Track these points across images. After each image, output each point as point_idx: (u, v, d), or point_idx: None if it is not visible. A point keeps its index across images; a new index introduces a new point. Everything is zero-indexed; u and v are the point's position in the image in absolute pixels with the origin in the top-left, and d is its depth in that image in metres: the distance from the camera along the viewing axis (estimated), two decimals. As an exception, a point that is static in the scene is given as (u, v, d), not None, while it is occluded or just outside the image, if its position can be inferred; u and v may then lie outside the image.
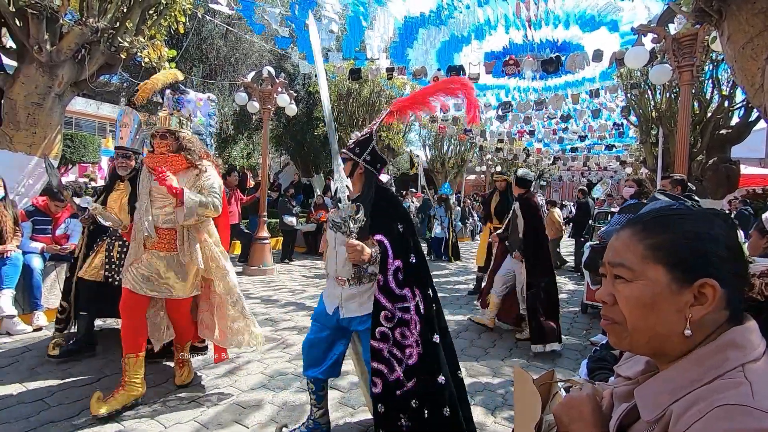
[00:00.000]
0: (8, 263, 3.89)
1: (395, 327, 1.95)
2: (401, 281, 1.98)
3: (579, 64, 6.31)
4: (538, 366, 3.74)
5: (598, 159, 18.58)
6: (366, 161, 2.17)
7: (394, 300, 1.96)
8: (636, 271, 0.69)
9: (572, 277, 8.59)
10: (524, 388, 0.87)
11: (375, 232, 2.03)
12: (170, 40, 8.80)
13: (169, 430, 2.48)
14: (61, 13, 4.44)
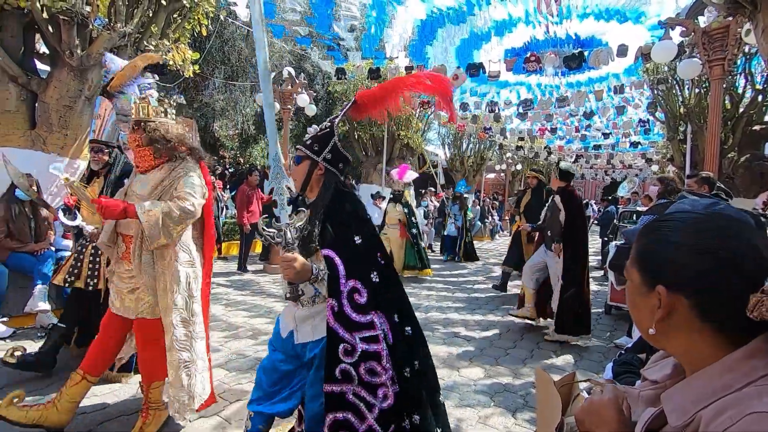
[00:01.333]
0: (42, 260, 4.06)
1: (359, 362, 1.55)
2: (362, 305, 1.59)
3: (603, 59, 6.16)
4: (558, 368, 3.68)
5: (623, 156, 18.11)
6: (326, 160, 1.78)
7: (354, 329, 1.57)
8: (627, 273, 0.75)
9: (595, 278, 8.40)
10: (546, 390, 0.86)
11: (324, 245, 1.65)
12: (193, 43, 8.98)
13: (193, 424, 2.54)
14: (91, 19, 4.60)
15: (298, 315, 1.80)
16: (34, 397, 2.67)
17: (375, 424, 1.52)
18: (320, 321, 1.71)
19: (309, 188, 1.82)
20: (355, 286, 1.60)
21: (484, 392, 3.14)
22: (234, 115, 13.56)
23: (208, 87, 12.68)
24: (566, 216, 4.18)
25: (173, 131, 2.40)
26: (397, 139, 12.56)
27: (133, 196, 2.39)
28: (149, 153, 2.36)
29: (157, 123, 2.39)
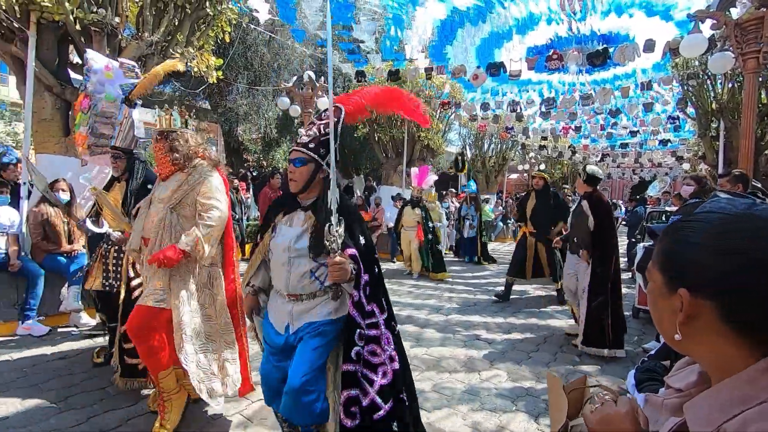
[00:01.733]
0: (75, 262, 4.24)
1: (366, 344, 1.77)
2: (369, 296, 1.81)
3: (628, 55, 5.98)
4: (582, 373, 3.58)
5: (652, 155, 17.52)
6: (329, 165, 1.87)
7: (365, 316, 1.79)
8: (649, 274, 0.73)
9: (623, 280, 8.15)
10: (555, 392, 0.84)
11: (345, 246, 1.78)
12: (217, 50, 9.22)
13: (215, 422, 2.60)
14: (120, 29, 4.78)
15: (295, 310, 1.89)
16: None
17: (376, 397, 1.73)
18: (318, 309, 1.87)
19: (309, 190, 1.91)
20: (367, 280, 1.81)
21: (505, 396, 3.09)
22: (257, 119, 13.81)
23: (231, 92, 12.96)
24: (594, 221, 4.00)
25: (192, 141, 2.54)
26: (417, 140, 12.52)
27: (156, 201, 2.52)
28: (168, 161, 2.50)
29: (178, 133, 2.53)
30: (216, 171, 2.58)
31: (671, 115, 11.62)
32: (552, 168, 22.18)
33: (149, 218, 2.51)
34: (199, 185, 2.45)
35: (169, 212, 2.42)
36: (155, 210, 2.49)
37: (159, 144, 2.51)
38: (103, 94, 3.52)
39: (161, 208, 2.46)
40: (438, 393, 3.09)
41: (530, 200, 5.83)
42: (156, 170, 2.62)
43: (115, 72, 3.61)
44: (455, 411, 2.85)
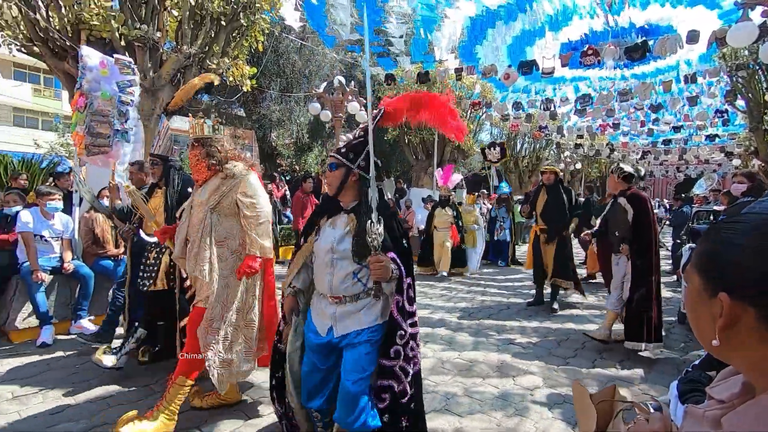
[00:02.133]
0: (122, 264, 4.47)
1: (407, 343, 1.90)
2: (412, 298, 1.93)
3: (670, 47, 5.69)
4: (623, 380, 3.43)
5: (698, 151, 16.59)
6: (360, 167, 1.94)
7: (406, 317, 1.90)
8: (687, 277, 0.71)
9: (667, 284, 7.76)
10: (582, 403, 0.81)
11: (387, 249, 1.83)
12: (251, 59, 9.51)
13: (249, 422, 2.67)
14: (161, 43, 5.03)
15: (339, 311, 1.92)
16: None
17: (407, 385, 1.91)
18: (364, 313, 1.91)
19: (343, 193, 1.97)
20: (410, 283, 1.92)
21: (541, 402, 3.00)
22: (289, 125, 14.14)
23: (265, 99, 13.33)
24: (634, 215, 3.99)
25: (226, 144, 2.67)
26: (447, 142, 12.43)
27: (196, 206, 2.64)
28: (204, 166, 2.62)
29: (213, 139, 2.64)
30: (252, 170, 2.69)
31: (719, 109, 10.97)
32: (589, 167, 21.44)
33: (191, 223, 2.62)
34: (237, 186, 2.56)
35: (209, 213, 2.54)
36: (195, 213, 2.62)
37: (195, 151, 2.63)
38: (98, 92, 3.46)
39: (200, 210, 2.58)
40: (470, 398, 3.05)
41: (540, 196, 5.52)
42: (193, 176, 2.74)
43: (111, 69, 3.52)
44: (489, 416, 2.80)
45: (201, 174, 2.65)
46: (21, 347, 3.81)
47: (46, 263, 4.06)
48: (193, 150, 2.64)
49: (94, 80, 3.48)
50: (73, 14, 4.46)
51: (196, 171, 2.66)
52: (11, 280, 4.14)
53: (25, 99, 21.59)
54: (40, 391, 2.99)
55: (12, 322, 3.95)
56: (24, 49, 4.92)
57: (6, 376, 3.21)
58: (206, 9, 5.09)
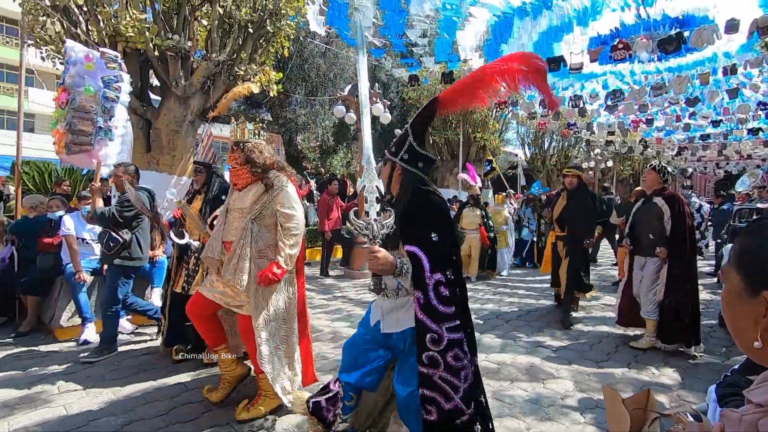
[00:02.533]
0: (157, 266, 4.65)
1: (447, 350, 1.70)
2: (447, 297, 1.72)
3: (707, 38, 5.43)
4: (661, 385, 3.30)
5: (739, 146, 15.75)
6: (403, 160, 1.90)
7: (441, 320, 1.71)
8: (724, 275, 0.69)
9: (707, 285, 7.41)
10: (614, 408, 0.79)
11: (407, 242, 1.77)
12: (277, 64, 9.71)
13: (281, 419, 2.72)
14: (192, 52, 5.21)
15: (384, 306, 1.94)
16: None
17: (460, 402, 1.71)
18: (404, 313, 1.85)
19: (392, 187, 1.96)
20: (440, 279, 1.72)
21: (573, 407, 2.93)
22: (315, 128, 14.34)
23: (291, 103, 13.58)
24: (671, 217, 3.87)
25: (266, 151, 2.68)
26: (473, 141, 12.30)
27: (234, 211, 2.68)
28: (246, 171, 2.63)
29: (253, 144, 2.66)
30: (290, 181, 2.75)
31: (762, 101, 10.39)
32: (621, 164, 20.74)
33: (228, 225, 2.68)
34: (277, 196, 2.61)
35: (250, 222, 2.57)
36: (233, 218, 2.66)
37: (234, 154, 2.64)
38: (82, 87, 3.28)
39: (238, 216, 2.62)
40: (499, 401, 3.00)
41: (560, 200, 5.11)
42: (231, 180, 2.76)
43: (97, 63, 3.34)
44: (518, 420, 2.75)
45: (241, 179, 2.66)
46: (65, 344, 4.02)
47: (87, 265, 4.26)
48: (232, 153, 2.65)
49: (78, 75, 3.31)
50: (110, 27, 4.68)
51: (235, 175, 2.68)
52: (56, 281, 4.37)
53: (67, 109, 22.72)
54: (83, 386, 3.14)
55: (57, 321, 4.17)
56: (66, 62, 5.21)
57: (52, 372, 3.39)
58: (234, 17, 5.23)
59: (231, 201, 2.73)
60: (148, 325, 4.58)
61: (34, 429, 2.58)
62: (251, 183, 2.66)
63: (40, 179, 7.00)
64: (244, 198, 2.65)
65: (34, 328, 4.33)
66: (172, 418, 2.71)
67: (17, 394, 3.01)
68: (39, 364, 3.55)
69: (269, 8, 5.47)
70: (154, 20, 4.99)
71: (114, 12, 4.69)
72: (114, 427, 2.59)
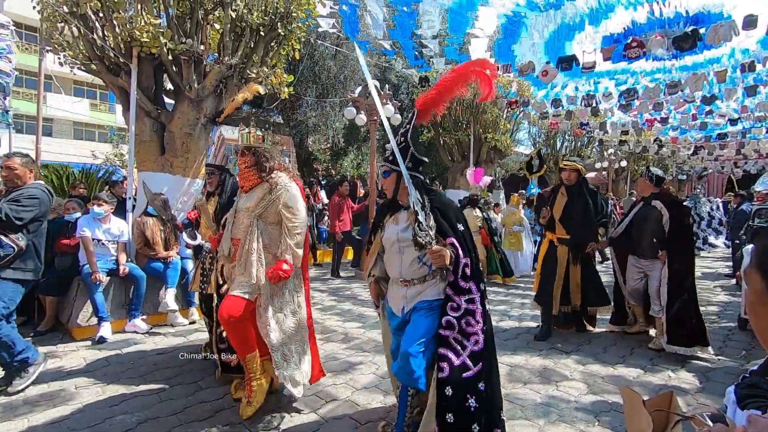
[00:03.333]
0: (171, 266, 4.72)
1: (461, 317, 2.09)
2: (468, 276, 2.12)
3: (724, 35, 5.32)
4: (676, 389, 3.23)
5: (758, 145, 15.36)
6: (409, 168, 2.21)
7: (460, 293, 2.11)
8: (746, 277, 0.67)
9: (725, 287, 7.25)
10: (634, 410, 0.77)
11: (445, 235, 2.14)
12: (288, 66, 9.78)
13: (293, 419, 2.73)
14: (205, 56, 5.27)
15: (409, 293, 2.25)
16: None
17: (467, 359, 2.06)
18: (429, 290, 2.20)
19: (400, 194, 2.28)
20: (466, 263, 2.13)
21: (586, 410, 2.89)
22: (325, 130, 14.38)
23: (301, 105, 13.64)
24: (670, 218, 3.94)
25: (274, 155, 2.89)
26: (484, 142, 12.22)
27: (241, 211, 2.81)
28: (253, 173, 2.79)
29: (263, 149, 2.85)
30: (293, 181, 2.87)
31: (782, 98, 10.12)
32: (635, 164, 20.40)
33: (236, 225, 2.82)
34: (281, 196, 2.74)
35: (255, 220, 2.73)
36: (241, 217, 2.80)
37: (245, 158, 2.80)
38: None
39: (245, 215, 2.77)
40: (511, 403, 2.97)
41: (559, 197, 4.45)
42: (239, 183, 2.90)
43: None
44: (531, 422, 2.72)
45: (248, 181, 2.82)
46: (82, 343, 4.09)
47: (102, 265, 4.34)
48: (243, 157, 2.81)
49: None
50: (125, 32, 4.76)
51: (243, 178, 2.84)
52: (74, 281, 4.46)
53: (83, 114, 23.24)
54: (100, 384, 3.20)
55: (74, 320, 4.25)
56: (83, 67, 5.30)
57: (70, 370, 3.46)
58: (246, 21, 5.28)
59: (239, 202, 2.87)
60: (162, 325, 4.65)
61: (52, 426, 2.63)
62: (257, 184, 2.82)
63: (58, 182, 7.15)
64: (250, 198, 2.79)
65: (52, 327, 4.42)
66: (186, 416, 2.74)
67: (36, 391, 3.08)
68: (57, 362, 3.63)
69: (280, 11, 5.51)
70: (168, 25, 5.06)
71: (129, 17, 4.78)
72: (129, 425, 2.63)
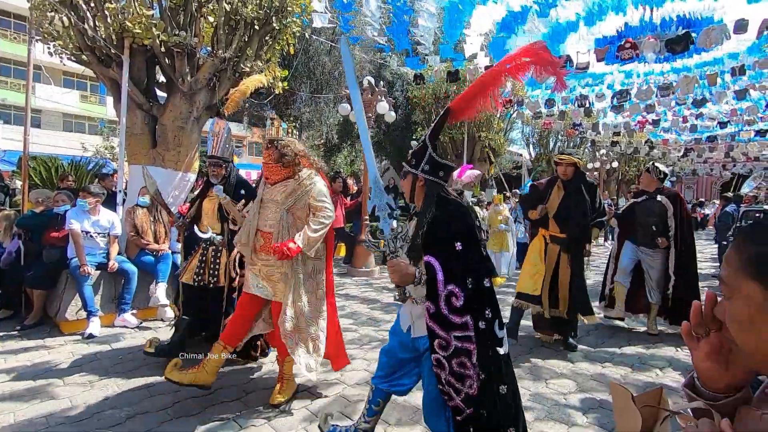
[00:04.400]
0: (162, 260, 4.67)
1: (452, 357, 1.75)
2: (458, 308, 1.74)
3: (715, 38, 5.39)
4: (665, 385, 3.28)
5: (746, 148, 15.62)
6: (425, 171, 1.95)
7: (450, 328, 1.75)
8: (732, 288, 0.62)
9: (714, 287, 7.37)
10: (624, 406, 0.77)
11: (427, 252, 1.82)
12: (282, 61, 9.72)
13: (284, 414, 2.73)
14: (198, 49, 5.22)
15: (414, 311, 2.02)
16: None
17: (461, 404, 1.78)
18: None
19: (416, 198, 2.03)
20: (452, 291, 1.75)
21: (575, 407, 2.92)
22: (319, 126, 14.34)
23: (295, 101, 13.58)
24: (674, 211, 4.44)
25: (298, 147, 2.87)
26: (478, 140, 12.27)
27: (268, 203, 2.86)
28: (279, 167, 2.81)
29: (286, 140, 2.85)
30: (320, 176, 2.94)
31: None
32: (626, 165, 20.64)
33: (262, 217, 2.86)
34: (310, 191, 2.83)
35: (284, 213, 2.79)
36: (268, 209, 2.86)
37: (269, 151, 2.82)
38: None
39: (273, 208, 2.83)
40: (501, 399, 3.00)
41: (554, 192, 4.09)
42: (265, 175, 2.92)
43: None
44: (520, 419, 2.75)
45: (274, 174, 2.84)
46: (71, 338, 4.05)
47: (91, 259, 4.29)
48: (267, 150, 2.84)
49: None
50: (117, 23, 4.69)
51: (268, 171, 2.85)
52: (62, 274, 4.41)
53: (73, 105, 22.89)
54: (88, 379, 3.17)
55: (62, 314, 4.20)
56: (73, 58, 5.22)
57: (58, 365, 3.42)
58: (240, 14, 5.23)
59: (264, 194, 2.90)
60: (152, 320, 4.61)
61: (40, 421, 2.60)
62: (284, 178, 2.85)
63: (46, 174, 7.05)
64: (277, 191, 2.84)
65: (39, 321, 4.37)
66: (176, 411, 2.73)
67: (23, 386, 3.04)
68: (45, 357, 3.58)
69: (275, 5, 5.47)
70: (161, 16, 5.00)
71: (121, 8, 4.71)
72: (118, 419, 2.61)
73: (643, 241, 4.55)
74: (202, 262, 3.40)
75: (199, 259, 3.41)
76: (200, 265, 3.38)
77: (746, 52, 7.51)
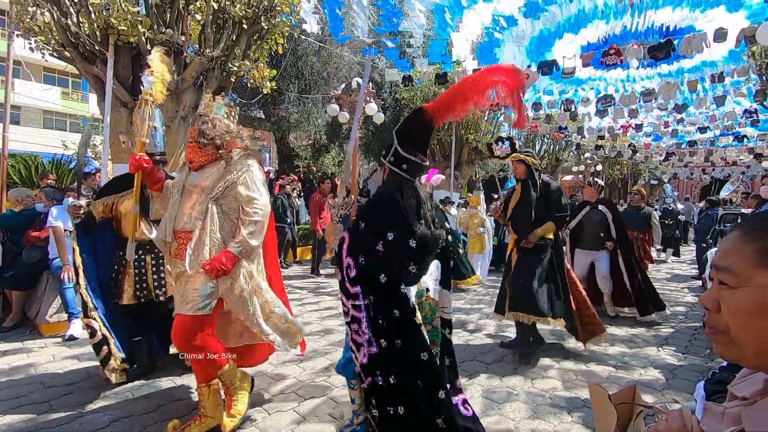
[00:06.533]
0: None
1: (351, 322, 1.99)
2: (353, 279, 1.98)
3: (696, 46, 5.54)
4: (645, 386, 3.36)
5: (725, 152, 16.06)
6: (390, 162, 2.10)
7: (348, 296, 2.00)
8: (741, 277, 0.61)
9: (693, 288, 7.55)
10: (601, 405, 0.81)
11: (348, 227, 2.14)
12: (270, 61, 9.66)
13: (271, 416, 2.71)
14: (185, 47, 5.16)
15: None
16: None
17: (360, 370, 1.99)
18: None
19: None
20: (349, 263, 2.00)
21: (560, 406, 2.97)
22: (307, 127, 14.27)
23: (283, 101, 13.49)
24: (613, 218, 5.10)
25: (219, 126, 2.40)
26: (465, 143, 12.36)
27: (192, 190, 2.38)
28: (197, 146, 2.37)
29: (211, 117, 2.43)
30: (255, 161, 2.50)
31: (748, 109, 10.61)
32: (611, 168, 21.03)
33: (182, 207, 2.38)
34: (240, 176, 2.38)
35: (211, 204, 2.32)
36: (188, 201, 2.38)
37: (192, 127, 2.43)
38: None
39: (196, 198, 2.36)
40: (487, 399, 3.03)
41: (514, 194, 4.00)
42: (186, 156, 2.46)
43: None
44: (505, 417, 2.78)
45: (196, 155, 2.38)
46: (51, 340, 3.95)
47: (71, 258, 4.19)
48: (191, 127, 2.44)
49: None
50: (102, 20, 4.61)
51: (189, 150, 2.41)
52: (42, 275, 4.30)
53: (54, 102, 22.37)
54: (69, 384, 3.09)
55: (43, 316, 4.10)
56: (56, 54, 5.11)
57: (37, 368, 3.34)
58: (228, 13, 5.19)
59: (187, 180, 2.41)
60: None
61: (19, 426, 2.53)
62: (209, 161, 2.39)
63: (26, 172, 6.88)
64: (201, 177, 2.37)
65: (18, 323, 4.26)
66: (160, 415, 2.68)
67: (2, 390, 2.96)
68: (24, 360, 3.49)
69: (264, 5, 5.44)
70: (147, 13, 4.94)
71: (105, 4, 4.63)
72: (101, 424, 2.56)
73: (590, 246, 5.21)
74: (139, 275, 3.03)
75: (134, 273, 3.03)
76: (139, 280, 3.03)
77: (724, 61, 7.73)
